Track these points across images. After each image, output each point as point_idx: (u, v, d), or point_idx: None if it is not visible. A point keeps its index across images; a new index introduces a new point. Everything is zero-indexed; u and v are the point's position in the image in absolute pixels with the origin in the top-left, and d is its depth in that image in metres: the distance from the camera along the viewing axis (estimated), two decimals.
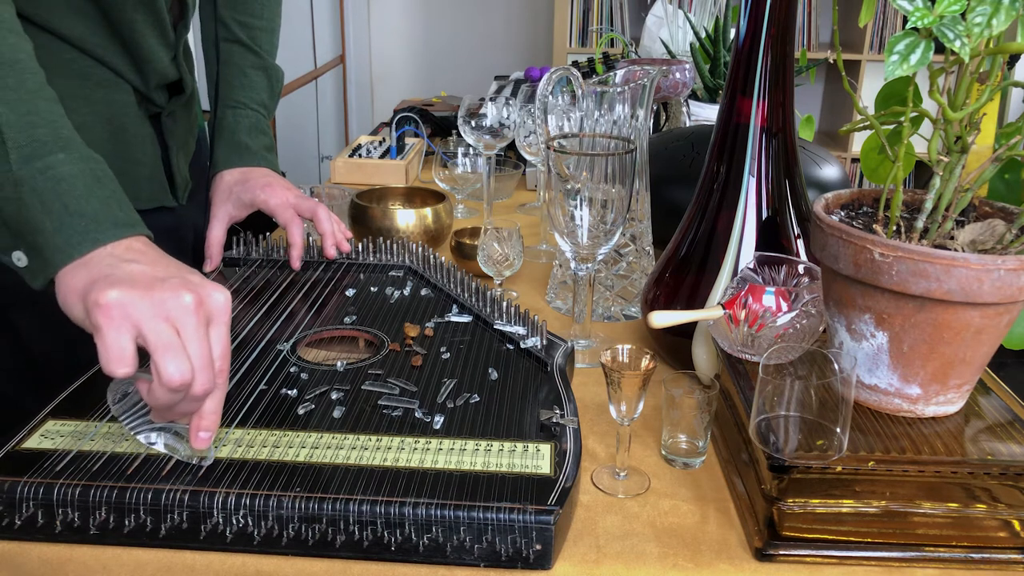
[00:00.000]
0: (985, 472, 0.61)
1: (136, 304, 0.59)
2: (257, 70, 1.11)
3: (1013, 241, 0.63)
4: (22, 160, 0.65)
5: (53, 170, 0.65)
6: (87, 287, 0.62)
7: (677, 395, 0.73)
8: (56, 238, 0.64)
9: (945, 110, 0.62)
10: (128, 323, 0.59)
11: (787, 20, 0.80)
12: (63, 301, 0.64)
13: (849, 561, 0.63)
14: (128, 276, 0.62)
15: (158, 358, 0.59)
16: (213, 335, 0.62)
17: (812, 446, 0.62)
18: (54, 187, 0.65)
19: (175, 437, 0.66)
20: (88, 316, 0.61)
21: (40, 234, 0.64)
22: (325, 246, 1.03)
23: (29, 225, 0.65)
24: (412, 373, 0.79)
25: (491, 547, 0.60)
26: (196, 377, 0.60)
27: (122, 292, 0.60)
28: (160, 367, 0.58)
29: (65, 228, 0.64)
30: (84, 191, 0.66)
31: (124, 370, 0.58)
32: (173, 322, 0.60)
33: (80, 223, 0.65)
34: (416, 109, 1.89)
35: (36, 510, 0.61)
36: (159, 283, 0.61)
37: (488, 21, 3.75)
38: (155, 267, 0.64)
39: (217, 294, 0.63)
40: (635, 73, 0.97)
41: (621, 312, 1.03)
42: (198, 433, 0.62)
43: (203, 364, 0.60)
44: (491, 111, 1.27)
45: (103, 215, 0.66)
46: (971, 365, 0.65)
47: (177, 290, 0.61)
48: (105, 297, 0.59)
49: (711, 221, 0.87)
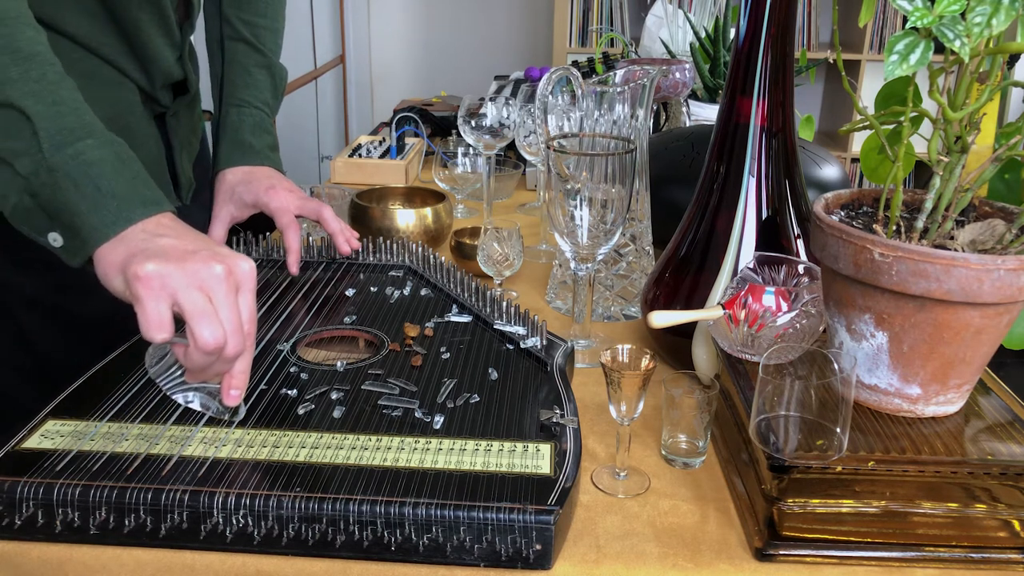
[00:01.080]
0: (985, 472, 0.61)
1: (172, 275, 0.64)
2: (261, 69, 1.11)
3: (1013, 241, 0.63)
4: (54, 148, 0.68)
5: (83, 155, 0.69)
6: (125, 261, 0.66)
7: (677, 395, 0.73)
8: (92, 219, 0.68)
9: (945, 110, 0.62)
10: (165, 293, 0.64)
11: (787, 20, 0.80)
12: (103, 275, 0.69)
13: (849, 561, 0.63)
14: (162, 250, 0.66)
15: (194, 324, 0.63)
16: (241, 301, 0.67)
17: (812, 446, 0.62)
18: (86, 171, 0.69)
19: (208, 396, 0.70)
20: (128, 287, 0.66)
21: (77, 216, 0.69)
22: (338, 243, 1.02)
23: (66, 208, 0.69)
24: (412, 373, 0.79)
25: (491, 547, 0.60)
26: (228, 340, 0.65)
27: (158, 264, 0.65)
28: (196, 332, 0.63)
29: (99, 209, 0.68)
30: (112, 173, 0.70)
31: (162, 335, 0.64)
32: (206, 290, 0.65)
33: (112, 204, 0.69)
34: (416, 109, 1.89)
35: (36, 510, 0.61)
36: (191, 255, 0.66)
37: (488, 21, 3.75)
38: (185, 241, 0.68)
39: (243, 263, 0.68)
40: (635, 73, 0.97)
41: (621, 312, 1.03)
42: (230, 391, 0.67)
43: (234, 328, 0.65)
44: (491, 111, 1.27)
45: (132, 195, 0.70)
46: (971, 365, 0.65)
47: (208, 261, 0.66)
48: (143, 269, 0.64)
49: (711, 221, 0.87)
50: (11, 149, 0.68)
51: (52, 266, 0.91)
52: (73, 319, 0.95)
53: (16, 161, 0.68)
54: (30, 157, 0.68)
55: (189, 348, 0.65)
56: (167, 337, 0.64)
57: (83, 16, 0.88)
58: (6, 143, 0.68)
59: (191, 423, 0.70)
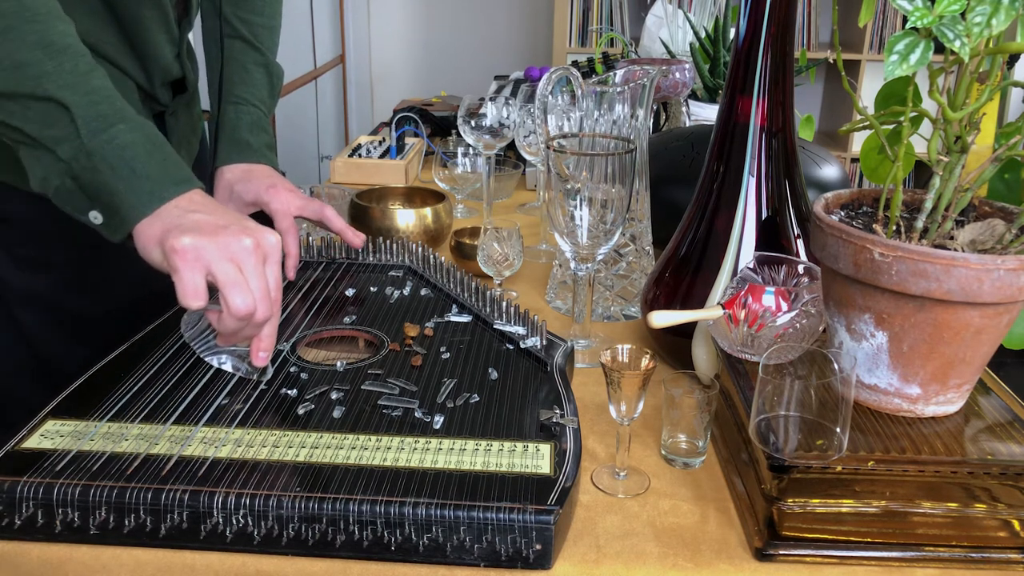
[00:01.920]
0: (985, 472, 0.61)
1: (206, 248, 0.70)
2: (259, 67, 1.11)
3: (1013, 241, 0.63)
4: (90, 134, 0.73)
5: (117, 140, 0.73)
6: (163, 235, 0.72)
7: (677, 395, 0.73)
8: (129, 199, 0.73)
9: (945, 110, 0.62)
10: (200, 264, 0.70)
11: (787, 20, 0.80)
12: (143, 248, 0.74)
13: (849, 561, 0.63)
14: (196, 224, 0.72)
15: (227, 293, 0.69)
16: (268, 271, 0.73)
17: (812, 446, 0.62)
18: (120, 154, 0.73)
19: (238, 358, 0.76)
20: (166, 259, 0.71)
21: (115, 196, 0.73)
22: (347, 238, 1.02)
23: (105, 189, 0.74)
24: (412, 373, 0.79)
25: (491, 547, 0.60)
26: (257, 307, 0.71)
27: (193, 238, 0.70)
28: (228, 300, 0.69)
29: (135, 190, 0.73)
30: (145, 156, 0.74)
31: (198, 303, 0.70)
32: (236, 261, 0.71)
33: (147, 185, 0.74)
34: (416, 109, 1.89)
35: (36, 510, 0.61)
36: (222, 229, 0.72)
37: (488, 21, 3.75)
38: (216, 216, 0.74)
39: (270, 236, 0.74)
40: (635, 73, 0.97)
41: (621, 312, 1.03)
42: (258, 353, 0.74)
43: (262, 296, 0.71)
44: (491, 111, 1.27)
45: (164, 176, 0.75)
46: (971, 365, 0.65)
47: (238, 235, 0.72)
48: (180, 243, 0.70)
49: (711, 221, 0.87)
50: (52, 137, 0.73)
51: (51, 265, 0.92)
52: (72, 318, 0.96)
53: (57, 148, 0.73)
54: (70, 143, 0.73)
55: (222, 314, 0.70)
56: (202, 304, 0.70)
57: (86, 14, 0.88)
58: (48, 132, 0.73)
59: (191, 423, 0.70)
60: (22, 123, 0.73)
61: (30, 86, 0.72)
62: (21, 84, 0.72)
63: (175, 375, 0.77)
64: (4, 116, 0.73)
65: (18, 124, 0.73)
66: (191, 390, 0.75)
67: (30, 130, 0.73)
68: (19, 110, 0.72)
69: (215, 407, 0.72)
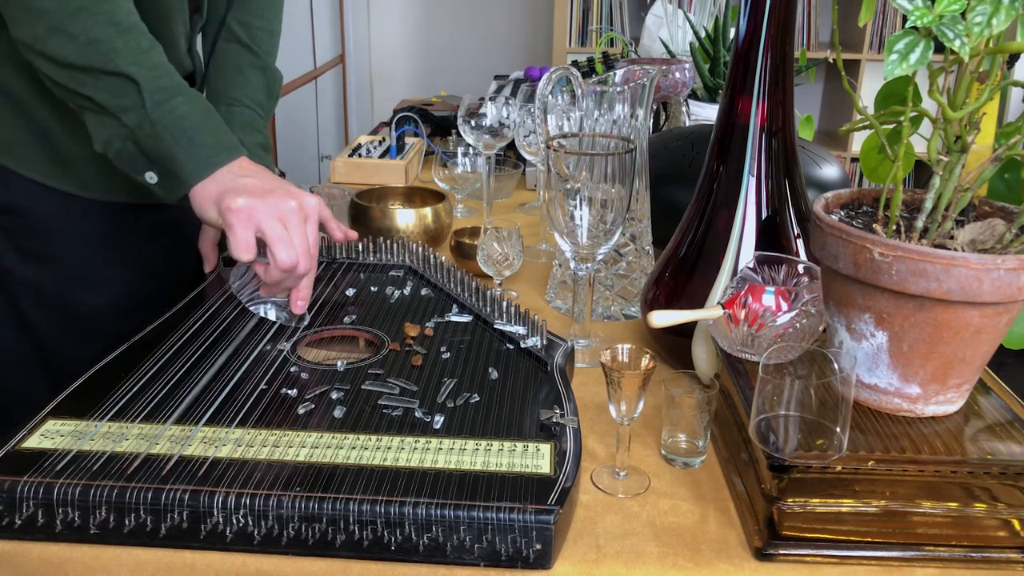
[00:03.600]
0: (985, 472, 0.61)
1: (258, 208, 0.81)
2: (255, 69, 1.11)
3: (1013, 241, 0.63)
4: (154, 105, 0.82)
5: (177, 111, 0.83)
6: (219, 196, 0.82)
7: (677, 395, 0.73)
8: (187, 164, 0.83)
9: (945, 110, 0.62)
10: (252, 222, 0.81)
11: (787, 20, 0.80)
12: (199, 207, 0.84)
13: (849, 561, 0.63)
14: (247, 188, 0.83)
15: (274, 248, 0.81)
16: (308, 230, 0.84)
17: (812, 446, 0.62)
18: (179, 123, 0.83)
19: (279, 308, 0.88)
20: (221, 217, 0.82)
21: (174, 161, 0.83)
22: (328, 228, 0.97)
23: (165, 155, 0.84)
24: (412, 373, 0.79)
25: (491, 547, 0.60)
26: (300, 261, 0.82)
27: (247, 200, 0.81)
28: (276, 254, 0.81)
29: (192, 156, 0.83)
30: (200, 126, 0.84)
31: (249, 256, 0.82)
32: (283, 221, 0.82)
33: (203, 152, 0.84)
34: (416, 109, 1.89)
35: (36, 510, 0.61)
36: (270, 192, 0.83)
37: (488, 21, 3.75)
38: (264, 181, 0.84)
39: (310, 198, 0.85)
40: (635, 73, 0.97)
41: (621, 312, 1.03)
42: (297, 302, 0.86)
43: (304, 251, 0.83)
44: (491, 111, 1.27)
45: (217, 144, 0.85)
46: (971, 365, 0.65)
47: (284, 197, 0.83)
48: (235, 203, 0.81)
49: (711, 221, 0.87)
50: (120, 106, 0.82)
51: (57, 259, 0.94)
52: (78, 313, 0.97)
53: (123, 115, 0.83)
54: (135, 112, 0.82)
55: (269, 267, 0.82)
56: (252, 258, 0.82)
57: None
58: (116, 101, 0.82)
59: (191, 423, 0.70)
60: (93, 92, 0.82)
61: (102, 61, 0.80)
62: (95, 59, 0.80)
63: (175, 375, 0.77)
64: (76, 86, 0.81)
65: (89, 93, 0.82)
66: (191, 390, 0.75)
67: (100, 99, 0.82)
68: (91, 81, 0.81)
69: (215, 407, 0.72)
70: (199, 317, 0.88)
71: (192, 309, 0.90)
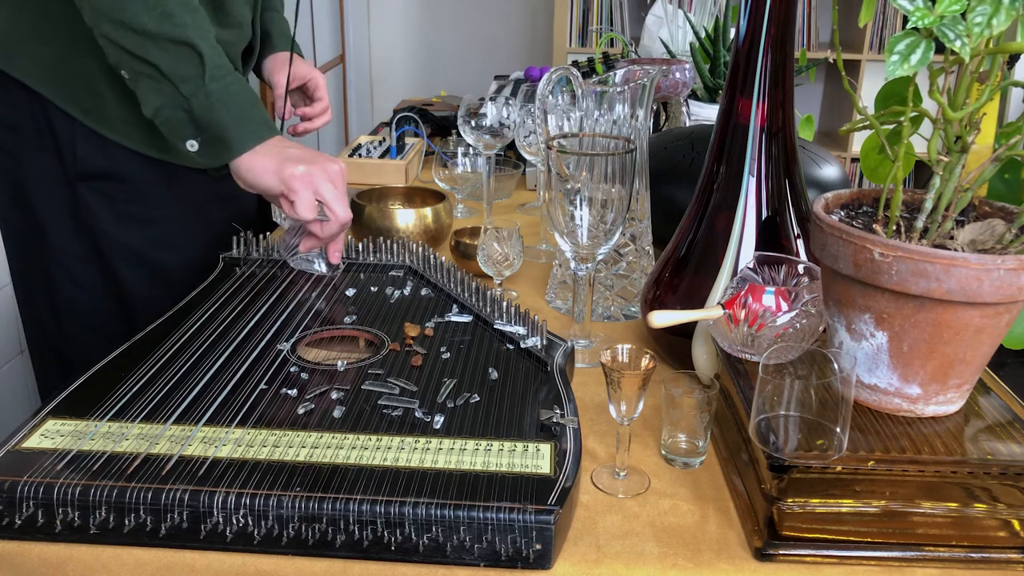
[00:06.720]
0: (985, 472, 0.61)
1: (315, 174, 0.95)
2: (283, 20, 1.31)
3: (1013, 241, 0.63)
4: (212, 79, 0.93)
5: (231, 88, 0.95)
6: (278, 167, 0.95)
7: (677, 395, 0.73)
8: (236, 135, 0.95)
9: (945, 110, 0.62)
10: (311, 186, 0.95)
11: (787, 20, 0.80)
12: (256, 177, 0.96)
13: (849, 561, 0.63)
14: (299, 157, 0.96)
15: (334, 206, 0.96)
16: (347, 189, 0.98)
17: (812, 446, 0.62)
18: (232, 98, 0.95)
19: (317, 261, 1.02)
20: (283, 184, 0.95)
21: (224, 130, 0.94)
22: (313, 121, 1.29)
23: (217, 124, 0.94)
24: (412, 373, 0.79)
25: (491, 547, 0.60)
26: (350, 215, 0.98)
27: (305, 167, 0.95)
28: (336, 211, 0.96)
29: (242, 128, 0.95)
30: (248, 105, 0.96)
31: (312, 215, 0.95)
32: (333, 183, 0.96)
33: (251, 127, 0.96)
34: (416, 109, 1.89)
35: (36, 510, 0.61)
36: (315, 159, 0.96)
37: (488, 21, 3.75)
38: (305, 151, 0.98)
39: (340, 163, 0.98)
40: (635, 73, 0.97)
41: (621, 312, 1.03)
42: (334, 253, 1.02)
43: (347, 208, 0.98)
44: (491, 111, 1.27)
45: (261, 122, 0.97)
46: (971, 365, 0.65)
47: (327, 162, 0.97)
48: (297, 171, 0.94)
49: (711, 221, 0.87)
50: (181, 76, 0.92)
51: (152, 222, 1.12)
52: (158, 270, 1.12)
53: (182, 85, 0.92)
54: (194, 83, 0.92)
55: (325, 224, 0.97)
56: (314, 216, 0.95)
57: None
58: (179, 71, 0.92)
59: (191, 423, 0.70)
60: (159, 60, 0.91)
61: (174, 32, 0.90)
62: (167, 28, 0.90)
63: (175, 375, 0.77)
64: (143, 52, 0.90)
65: (155, 60, 0.91)
66: (191, 390, 0.75)
67: (163, 67, 0.91)
68: (157, 49, 0.90)
69: (215, 407, 0.72)
70: (199, 317, 0.88)
71: (192, 309, 0.90)
